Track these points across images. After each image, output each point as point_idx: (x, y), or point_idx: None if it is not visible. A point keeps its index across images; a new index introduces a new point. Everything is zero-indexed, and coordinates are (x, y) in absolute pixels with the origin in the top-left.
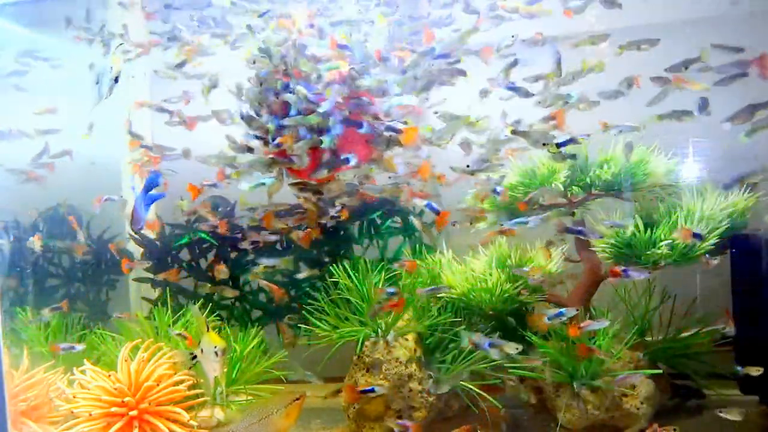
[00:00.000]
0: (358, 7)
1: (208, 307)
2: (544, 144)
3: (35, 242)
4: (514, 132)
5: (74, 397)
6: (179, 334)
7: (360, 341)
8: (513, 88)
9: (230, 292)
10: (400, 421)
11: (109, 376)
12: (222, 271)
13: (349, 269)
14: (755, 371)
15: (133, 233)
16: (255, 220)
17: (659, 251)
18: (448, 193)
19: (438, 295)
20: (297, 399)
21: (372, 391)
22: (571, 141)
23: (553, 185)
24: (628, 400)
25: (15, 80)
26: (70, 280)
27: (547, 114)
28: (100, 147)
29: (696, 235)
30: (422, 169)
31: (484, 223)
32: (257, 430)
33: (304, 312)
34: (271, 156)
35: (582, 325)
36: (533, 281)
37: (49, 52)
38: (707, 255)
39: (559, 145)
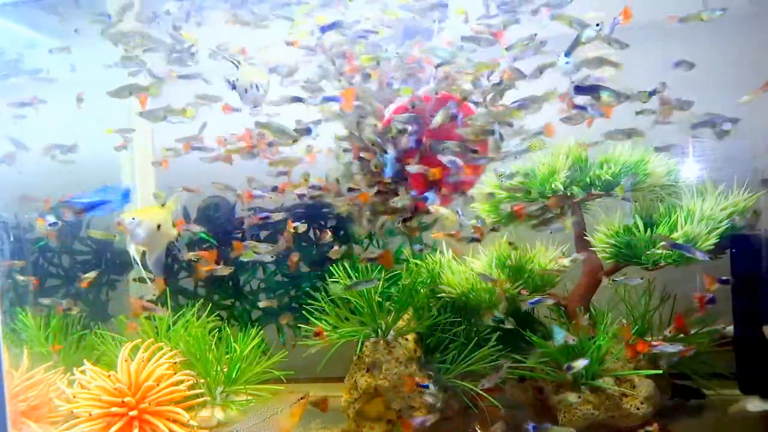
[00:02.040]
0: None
1: (208, 307)
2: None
3: None
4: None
5: (74, 397)
6: None
7: (360, 341)
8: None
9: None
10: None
11: (109, 376)
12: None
13: (349, 269)
14: None
15: None
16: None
17: (659, 251)
18: None
19: (438, 295)
20: (301, 398)
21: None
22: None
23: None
24: (628, 400)
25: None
26: (70, 280)
27: None
28: (100, 144)
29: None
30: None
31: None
32: (261, 430)
33: (304, 312)
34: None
35: (654, 343)
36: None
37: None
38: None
39: (650, 94)
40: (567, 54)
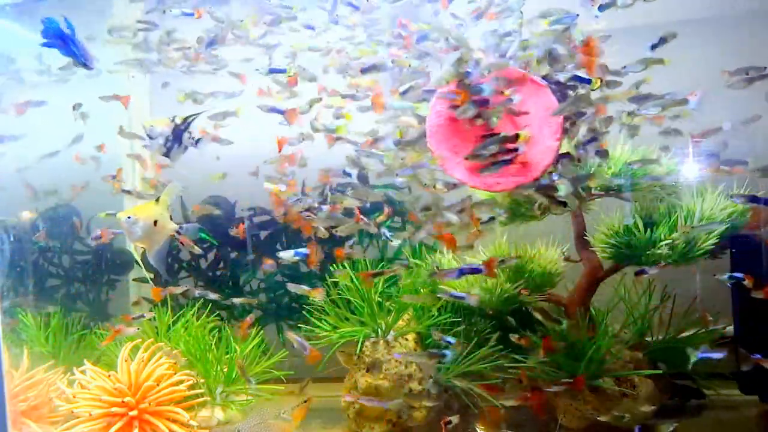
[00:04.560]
0: None
1: (208, 307)
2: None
3: None
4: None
5: (74, 397)
6: None
7: (360, 341)
8: None
9: None
10: None
11: (109, 376)
12: None
13: (349, 269)
14: None
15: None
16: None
17: (659, 251)
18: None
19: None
20: (305, 401)
21: None
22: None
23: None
24: (629, 400)
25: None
26: (70, 280)
27: None
28: (100, 142)
29: None
30: None
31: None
32: (262, 430)
33: (304, 312)
34: None
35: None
36: None
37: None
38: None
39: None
40: (601, 9)
